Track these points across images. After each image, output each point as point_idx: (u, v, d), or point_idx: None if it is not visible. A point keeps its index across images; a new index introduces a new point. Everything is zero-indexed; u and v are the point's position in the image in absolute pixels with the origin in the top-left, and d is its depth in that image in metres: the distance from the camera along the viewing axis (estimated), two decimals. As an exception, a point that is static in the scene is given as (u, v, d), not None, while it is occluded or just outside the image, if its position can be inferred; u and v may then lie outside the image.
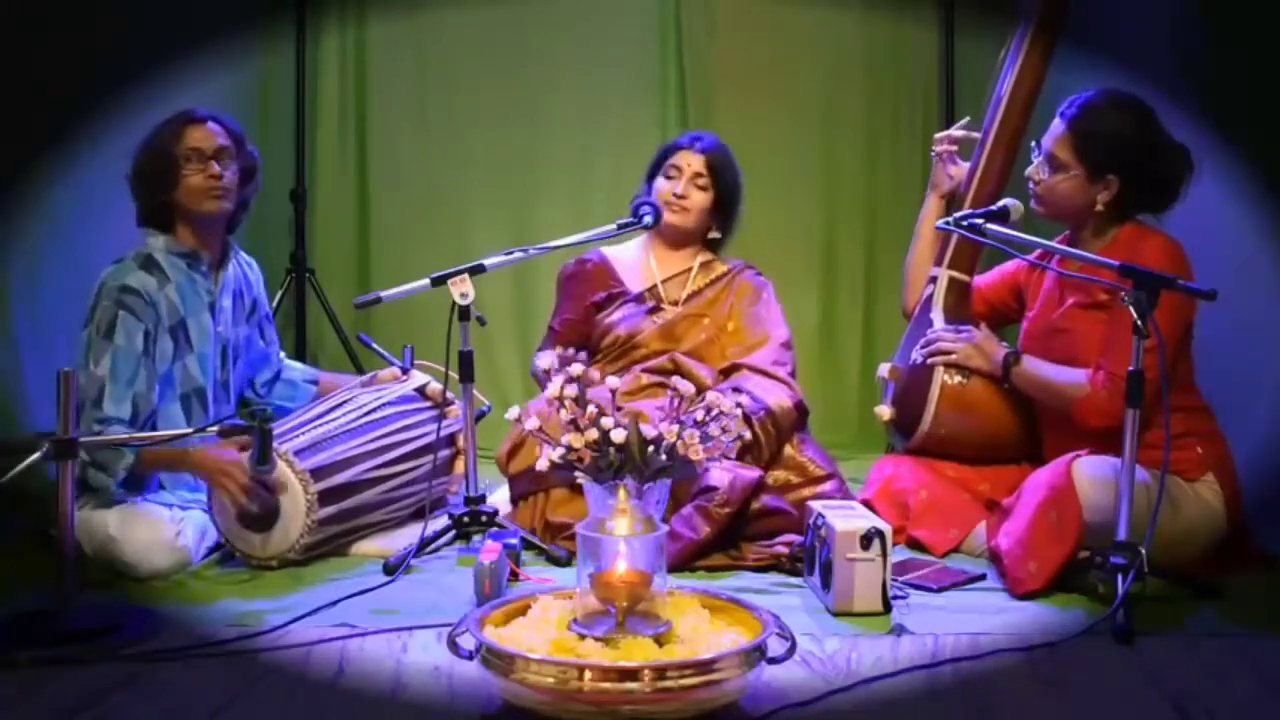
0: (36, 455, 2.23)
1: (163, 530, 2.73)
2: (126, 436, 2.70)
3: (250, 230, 4.43)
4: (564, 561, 2.85)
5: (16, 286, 3.05)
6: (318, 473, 2.80)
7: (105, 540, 2.69)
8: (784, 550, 2.81)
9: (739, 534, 2.88)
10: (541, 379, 3.33)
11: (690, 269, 3.38)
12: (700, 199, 3.32)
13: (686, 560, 2.78)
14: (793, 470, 3.03)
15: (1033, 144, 2.92)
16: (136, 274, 2.83)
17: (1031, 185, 2.89)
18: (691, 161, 3.31)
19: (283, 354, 3.31)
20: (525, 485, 3.02)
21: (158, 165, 2.86)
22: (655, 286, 3.36)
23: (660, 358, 3.24)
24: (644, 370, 3.20)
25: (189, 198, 2.87)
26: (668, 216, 3.29)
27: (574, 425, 2.08)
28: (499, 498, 3.16)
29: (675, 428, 2.07)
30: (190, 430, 2.69)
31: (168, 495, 2.87)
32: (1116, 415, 2.46)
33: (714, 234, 3.40)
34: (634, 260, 3.43)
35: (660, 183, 3.34)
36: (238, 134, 2.96)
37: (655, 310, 3.33)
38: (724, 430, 2.12)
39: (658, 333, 3.29)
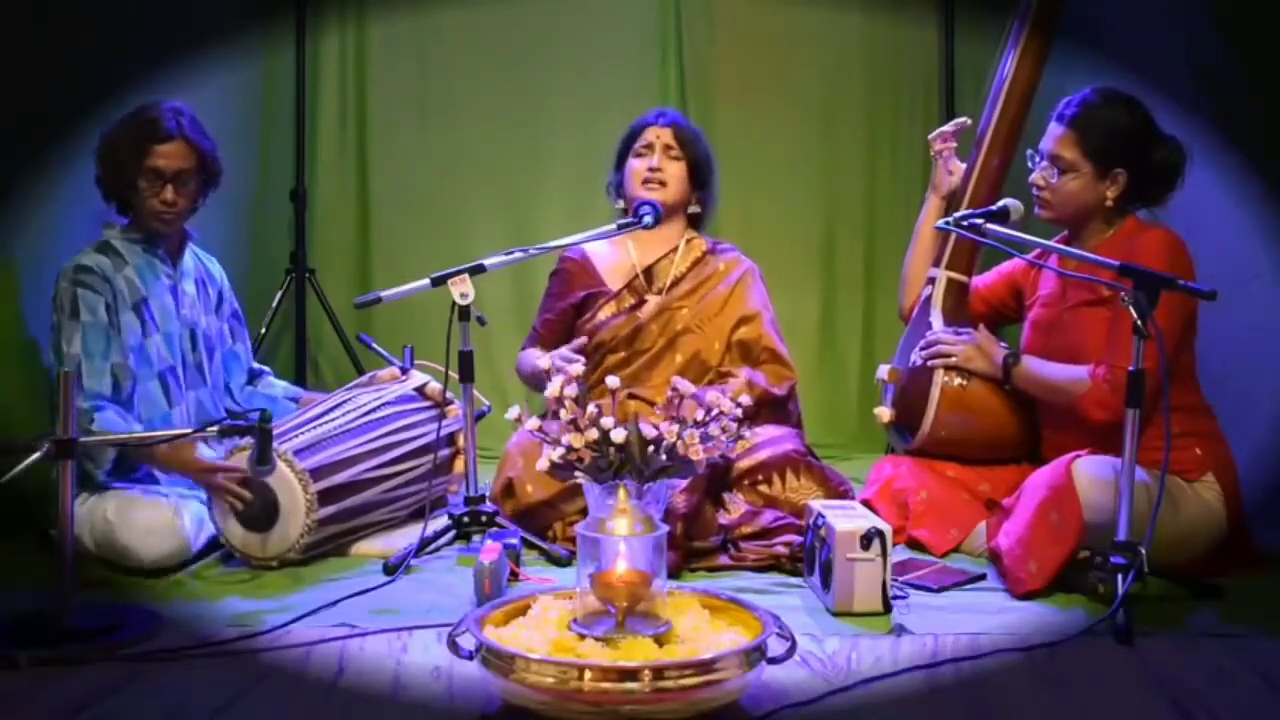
0: (37, 455, 2.23)
1: (161, 515, 2.75)
2: (126, 436, 2.71)
3: (250, 230, 4.48)
4: (564, 561, 2.85)
5: (23, 286, 3.05)
6: (317, 472, 2.81)
7: (105, 528, 2.72)
8: (784, 550, 2.81)
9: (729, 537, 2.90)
10: (528, 378, 3.36)
11: (675, 248, 3.38)
12: (676, 169, 3.32)
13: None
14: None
15: (1029, 152, 2.92)
16: (92, 256, 2.89)
17: (1036, 191, 2.89)
18: (660, 135, 3.34)
19: (270, 374, 3.32)
20: (528, 524, 3.01)
21: (115, 174, 2.90)
22: (636, 279, 3.36)
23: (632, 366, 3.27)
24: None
25: (141, 213, 2.94)
26: (646, 194, 3.29)
27: (574, 425, 2.07)
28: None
29: (675, 427, 2.07)
30: (190, 430, 2.69)
31: (163, 488, 2.89)
32: (1119, 408, 2.46)
33: (694, 208, 3.40)
34: (615, 252, 3.43)
35: (633, 163, 3.34)
36: (204, 148, 2.95)
37: (637, 306, 3.34)
38: (724, 430, 2.12)
39: (629, 335, 3.30)
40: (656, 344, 3.30)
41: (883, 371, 3.21)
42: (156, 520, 2.74)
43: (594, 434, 2.05)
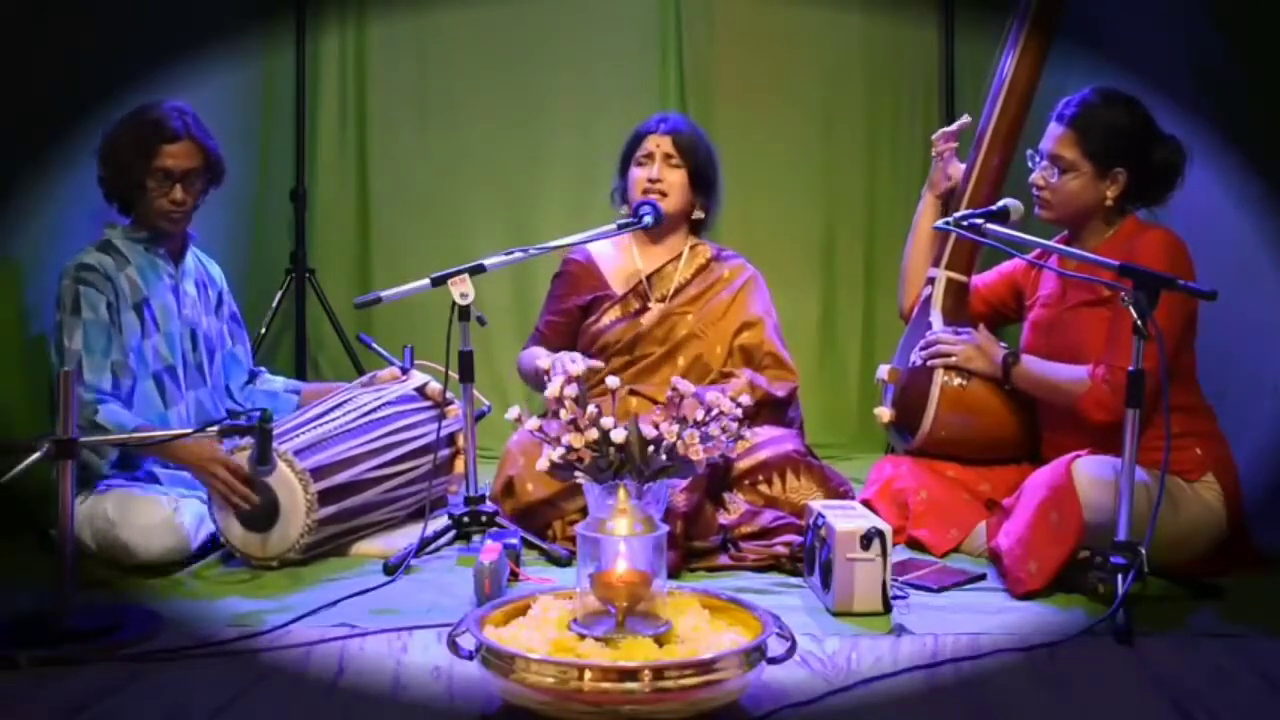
0: (36, 455, 2.23)
1: (160, 512, 2.76)
2: (125, 436, 2.71)
3: (250, 230, 4.48)
4: (564, 561, 2.85)
5: (21, 287, 3.05)
6: (317, 472, 2.81)
7: (105, 526, 2.73)
8: (784, 550, 2.81)
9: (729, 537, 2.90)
10: (529, 376, 3.37)
11: (679, 255, 3.38)
12: (676, 178, 3.31)
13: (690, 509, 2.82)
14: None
15: (1029, 152, 2.92)
16: (93, 254, 2.91)
17: (1036, 191, 2.89)
18: (660, 143, 3.32)
19: (266, 372, 3.32)
20: (528, 524, 3.01)
21: (121, 174, 2.90)
22: (640, 284, 3.36)
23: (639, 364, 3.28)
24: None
25: (149, 213, 2.94)
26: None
27: (574, 425, 2.07)
28: None
29: (675, 428, 2.07)
30: (189, 430, 2.69)
31: (164, 487, 2.89)
32: (1119, 408, 2.46)
33: (698, 214, 3.39)
34: (620, 256, 3.42)
35: (634, 172, 3.34)
36: (210, 148, 2.97)
37: (641, 312, 3.33)
38: (724, 430, 2.12)
39: (632, 340, 3.30)
40: (659, 350, 3.29)
41: (883, 371, 3.21)
42: (155, 517, 2.74)
43: (594, 434, 2.05)
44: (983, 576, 2.74)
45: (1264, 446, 3.03)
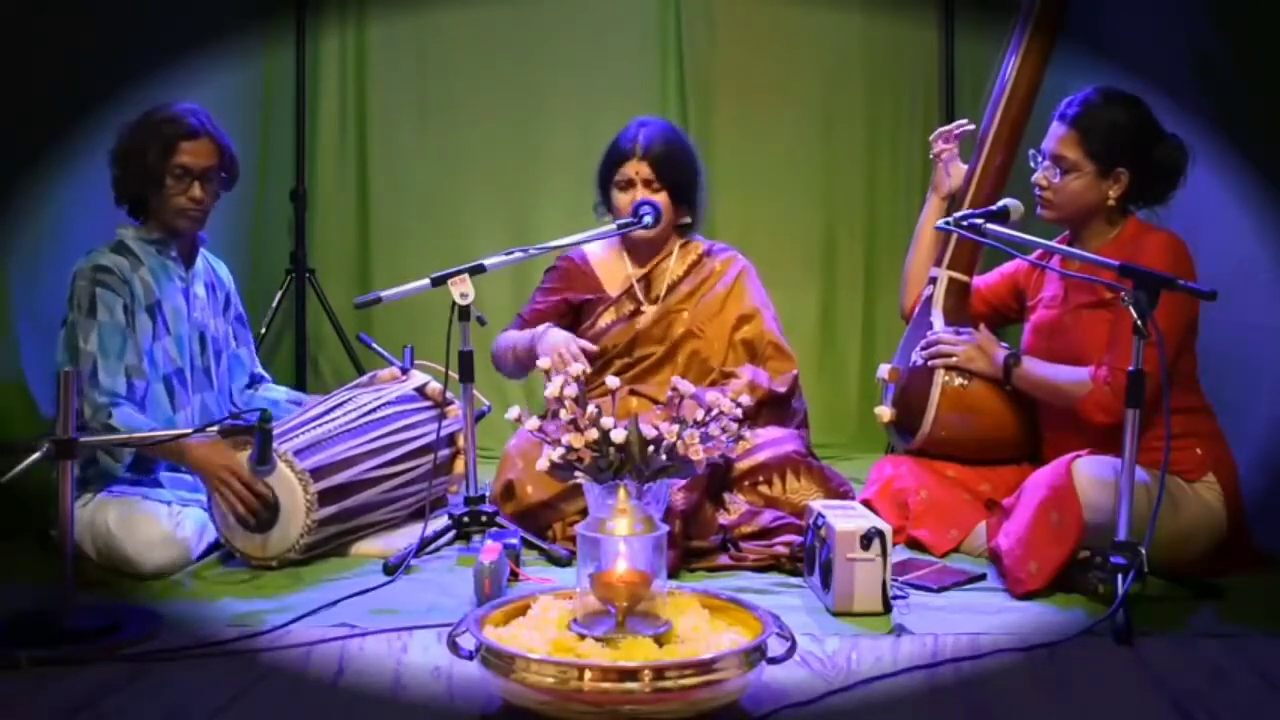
0: (36, 455, 2.23)
1: (161, 525, 2.75)
2: (126, 437, 2.71)
3: (250, 230, 4.49)
4: (564, 561, 2.85)
5: (17, 287, 3.05)
6: (317, 472, 2.80)
7: (107, 538, 2.72)
8: (784, 550, 2.81)
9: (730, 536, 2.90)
10: (499, 355, 3.35)
11: (669, 254, 3.37)
12: (659, 200, 3.26)
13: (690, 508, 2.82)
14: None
15: (1031, 152, 2.92)
16: (109, 255, 2.88)
17: (1038, 191, 2.88)
18: (639, 170, 3.25)
19: (269, 381, 3.31)
20: (528, 525, 3.00)
21: (141, 170, 2.88)
22: (632, 287, 3.36)
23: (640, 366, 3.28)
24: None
25: (166, 211, 2.92)
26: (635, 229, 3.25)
27: (574, 425, 2.07)
28: None
29: (675, 428, 2.07)
30: (190, 430, 2.69)
31: (165, 493, 2.88)
32: (1120, 410, 2.45)
33: (684, 220, 3.37)
34: (611, 260, 3.41)
35: (616, 196, 3.29)
36: (227, 147, 2.96)
37: (636, 313, 3.33)
38: (724, 430, 2.12)
39: (630, 342, 3.30)
40: (657, 350, 3.29)
41: (883, 371, 3.21)
42: (157, 531, 2.73)
43: (594, 434, 2.05)
44: (983, 576, 2.74)
45: (1264, 447, 3.02)
